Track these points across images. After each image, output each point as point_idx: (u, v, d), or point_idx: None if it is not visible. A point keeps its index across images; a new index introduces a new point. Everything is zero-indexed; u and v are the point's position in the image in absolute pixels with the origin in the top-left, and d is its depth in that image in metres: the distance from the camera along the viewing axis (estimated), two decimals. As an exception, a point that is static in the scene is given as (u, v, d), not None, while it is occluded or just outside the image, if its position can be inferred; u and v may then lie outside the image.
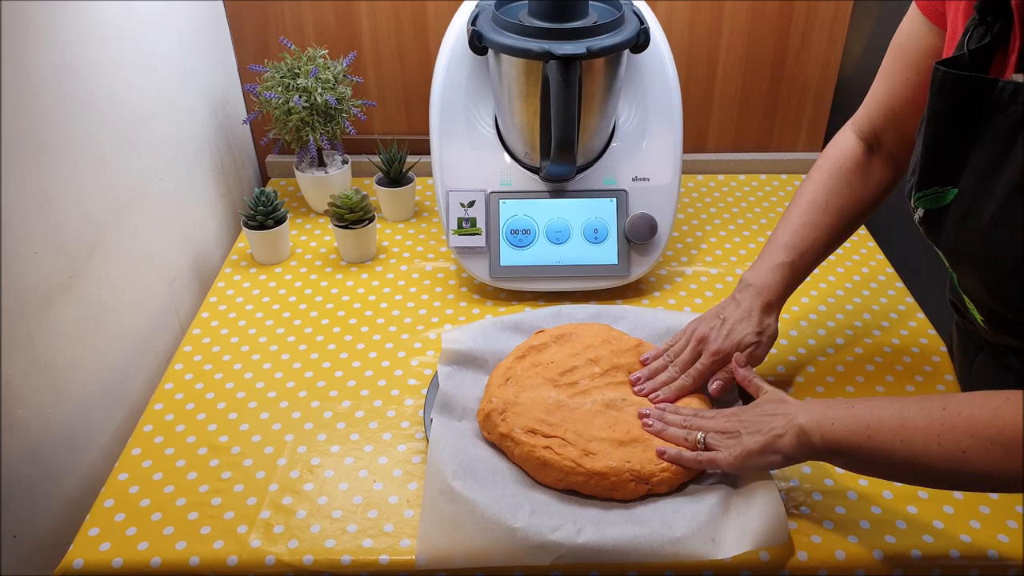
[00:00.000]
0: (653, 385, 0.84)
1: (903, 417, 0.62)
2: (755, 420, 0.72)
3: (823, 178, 0.86)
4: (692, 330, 0.86)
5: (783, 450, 0.68)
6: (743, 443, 0.71)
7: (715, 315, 0.85)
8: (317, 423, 0.86)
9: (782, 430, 0.69)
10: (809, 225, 0.84)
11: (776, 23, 1.26)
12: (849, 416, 0.65)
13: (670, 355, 0.86)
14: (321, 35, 1.26)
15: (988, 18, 0.63)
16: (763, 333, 0.83)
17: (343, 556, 0.72)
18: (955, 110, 0.65)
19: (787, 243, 0.85)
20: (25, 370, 0.76)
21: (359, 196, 1.09)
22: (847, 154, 0.85)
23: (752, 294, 0.84)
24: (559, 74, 0.91)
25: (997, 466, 0.58)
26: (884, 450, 0.63)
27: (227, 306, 1.05)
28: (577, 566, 0.71)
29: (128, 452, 0.83)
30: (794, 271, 0.84)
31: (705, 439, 0.75)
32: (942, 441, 0.60)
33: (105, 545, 0.73)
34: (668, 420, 0.78)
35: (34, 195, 0.77)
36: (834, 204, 0.84)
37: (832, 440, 0.65)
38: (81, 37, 0.84)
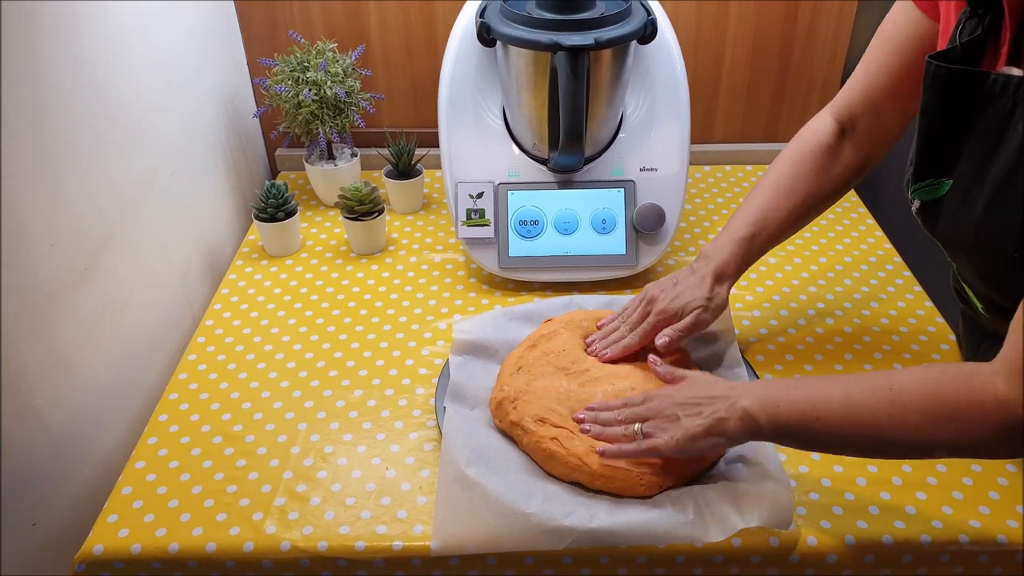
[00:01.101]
0: (603, 344, 0.85)
1: (849, 396, 0.63)
2: (693, 402, 0.71)
3: (791, 160, 0.87)
4: (645, 293, 0.88)
5: (727, 432, 0.68)
6: (684, 426, 0.70)
7: (670, 280, 0.88)
8: (329, 412, 0.87)
9: (725, 413, 0.68)
10: (772, 205, 0.86)
11: (783, 13, 1.26)
12: (795, 398, 0.66)
13: (623, 317, 0.88)
14: (330, 29, 1.26)
15: (979, 10, 0.64)
16: (712, 300, 0.84)
17: (357, 542, 0.73)
18: (948, 103, 0.66)
19: (748, 220, 0.86)
20: (42, 360, 0.77)
21: (369, 188, 1.10)
22: (819, 137, 0.86)
23: (707, 263, 0.86)
24: (567, 65, 0.91)
25: (949, 438, 0.59)
26: (832, 428, 0.63)
27: (239, 298, 1.06)
28: (589, 551, 0.71)
29: (144, 441, 0.84)
30: (751, 246, 0.86)
31: (642, 428, 0.73)
32: (893, 419, 0.61)
33: (124, 531, 0.74)
34: (603, 420, 0.77)
35: (49, 188, 0.78)
36: (800, 187, 0.86)
37: (779, 422, 0.66)
38: (92, 32, 0.85)
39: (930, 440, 0.60)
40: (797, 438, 0.67)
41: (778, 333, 0.98)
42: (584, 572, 0.73)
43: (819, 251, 1.13)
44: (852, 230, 1.18)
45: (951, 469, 0.79)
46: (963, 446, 0.60)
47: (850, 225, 1.19)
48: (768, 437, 0.68)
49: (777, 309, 1.02)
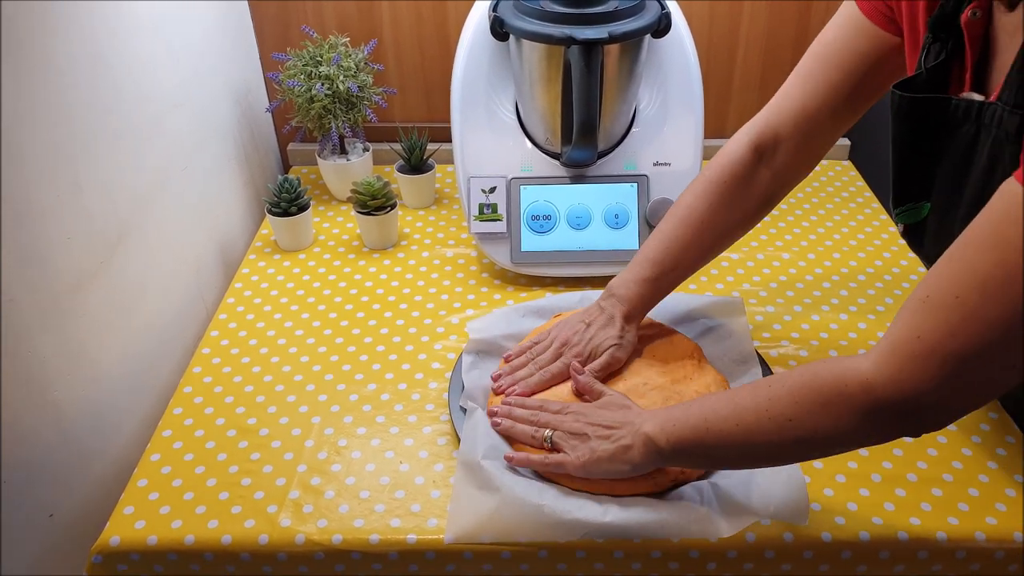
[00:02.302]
0: (511, 380, 0.83)
1: (735, 403, 0.64)
2: (604, 424, 0.72)
3: (703, 191, 0.83)
4: (556, 334, 0.86)
5: (632, 460, 0.69)
6: (592, 448, 0.71)
7: (580, 320, 0.86)
8: (343, 406, 0.87)
9: (630, 440, 0.69)
10: (678, 242, 0.84)
11: (796, 10, 1.25)
12: (688, 414, 0.67)
13: (532, 354, 0.86)
14: (342, 23, 1.26)
15: (942, 35, 0.64)
16: (623, 338, 0.84)
17: (371, 535, 0.73)
18: (916, 130, 0.66)
19: (655, 259, 0.84)
20: (59, 353, 0.77)
21: (381, 183, 1.10)
22: (732, 166, 0.82)
23: (615, 303, 0.85)
24: (581, 59, 0.91)
25: (821, 426, 0.60)
26: (723, 438, 0.64)
27: (252, 292, 1.06)
28: (602, 545, 0.72)
29: (159, 434, 0.84)
30: (656, 287, 0.85)
31: (552, 438, 0.74)
32: (772, 415, 0.61)
33: (140, 523, 0.74)
34: (516, 416, 0.77)
35: (67, 183, 0.78)
36: (708, 221, 0.83)
37: (676, 440, 0.66)
38: (108, 29, 0.85)
39: (805, 431, 0.60)
40: (694, 453, 0.67)
41: (792, 329, 0.97)
42: (598, 567, 0.73)
43: (833, 247, 1.13)
44: (866, 225, 1.18)
45: (967, 466, 0.78)
46: (833, 435, 0.60)
47: (863, 221, 1.19)
48: (669, 460, 0.69)
49: (791, 305, 1.02)
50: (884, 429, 0.59)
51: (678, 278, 0.86)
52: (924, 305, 0.55)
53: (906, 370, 0.55)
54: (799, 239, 1.15)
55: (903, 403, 0.56)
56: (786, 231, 1.16)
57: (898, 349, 0.56)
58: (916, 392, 0.55)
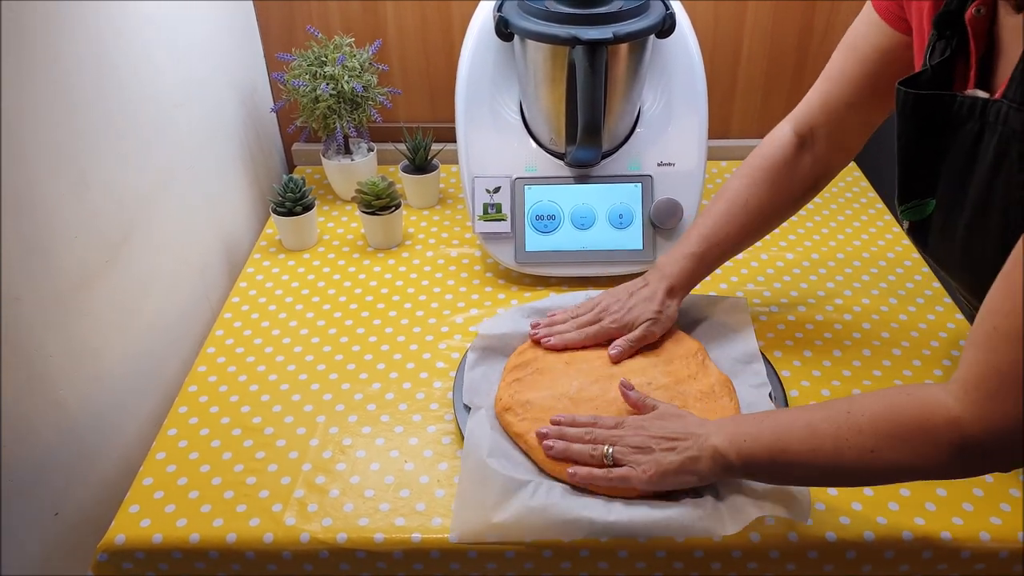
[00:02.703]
0: (547, 331, 0.87)
1: (813, 427, 0.63)
2: (667, 436, 0.71)
3: (749, 174, 0.87)
4: (600, 300, 0.90)
5: (700, 471, 0.69)
6: (657, 460, 0.70)
7: (625, 290, 0.90)
8: (348, 405, 0.88)
9: (698, 452, 0.68)
10: (726, 220, 0.87)
11: (801, 9, 1.25)
12: (760, 431, 0.66)
13: (573, 313, 0.90)
14: (347, 23, 1.26)
15: (947, 32, 0.64)
16: (662, 313, 0.86)
17: (376, 534, 0.73)
18: (921, 126, 0.66)
19: (702, 235, 0.88)
20: (64, 351, 0.78)
21: (386, 183, 1.11)
22: (777, 151, 0.86)
23: (660, 277, 0.88)
24: (585, 59, 0.91)
25: (903, 460, 0.59)
26: (798, 461, 0.64)
27: (257, 291, 1.06)
28: (607, 545, 0.72)
29: (164, 432, 0.85)
30: (702, 262, 0.88)
31: (613, 453, 0.72)
32: (851, 444, 0.61)
33: (145, 521, 0.74)
34: (569, 436, 0.74)
35: (73, 181, 0.78)
36: (754, 203, 0.86)
37: (748, 457, 0.66)
38: (114, 28, 0.85)
39: (887, 463, 0.60)
40: (767, 471, 0.67)
41: (796, 329, 0.97)
42: (602, 566, 0.73)
43: (837, 247, 1.13)
44: (870, 226, 1.18)
45: (971, 466, 0.78)
46: (919, 468, 0.60)
47: (868, 221, 1.19)
48: (739, 474, 0.68)
49: (795, 305, 1.02)
50: (972, 466, 0.59)
51: (723, 255, 0.89)
52: (995, 336, 0.54)
53: (992, 407, 0.54)
54: (803, 239, 1.15)
55: (993, 441, 0.55)
56: (790, 231, 1.16)
57: (980, 385, 0.55)
58: (1005, 429, 0.54)
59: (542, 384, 0.82)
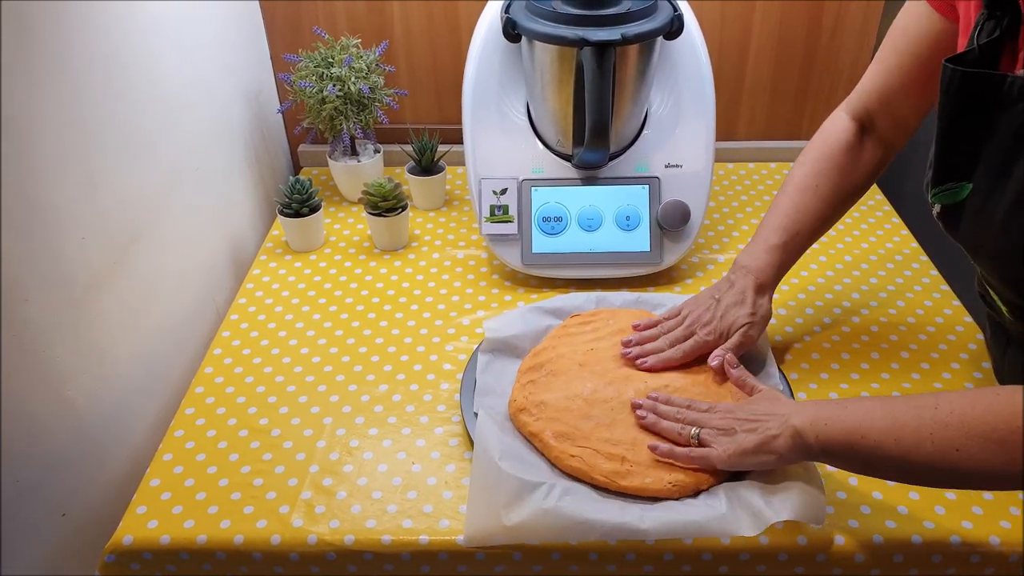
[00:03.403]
0: (640, 351, 0.85)
1: (895, 416, 0.63)
2: (750, 418, 0.71)
3: (815, 161, 0.87)
4: (688, 310, 0.87)
5: (778, 450, 0.68)
6: (737, 441, 0.71)
7: (710, 296, 0.87)
8: (355, 406, 0.87)
9: (777, 431, 0.68)
10: (799, 209, 0.86)
11: (808, 10, 1.25)
12: (842, 416, 0.65)
13: (663, 328, 0.87)
14: (353, 24, 1.26)
15: (997, 12, 0.63)
16: (756, 314, 0.84)
17: (383, 536, 0.73)
18: (965, 106, 0.65)
19: (779, 225, 0.86)
20: (73, 353, 0.78)
21: (392, 185, 1.10)
22: (839, 136, 0.86)
23: (745, 275, 0.86)
24: (593, 61, 0.91)
25: (991, 463, 0.58)
26: (877, 450, 0.63)
27: (263, 292, 1.06)
28: (615, 547, 0.71)
29: (171, 434, 0.85)
30: (786, 252, 0.86)
31: (699, 435, 0.73)
32: (935, 440, 0.60)
33: (153, 523, 0.74)
34: (661, 412, 0.77)
35: (82, 182, 0.78)
36: (824, 187, 0.85)
37: (826, 440, 0.65)
38: (122, 29, 0.85)
39: (974, 465, 0.58)
40: (844, 457, 0.66)
41: (804, 332, 0.97)
42: (610, 569, 0.73)
43: (844, 249, 1.13)
44: (877, 228, 1.17)
45: (981, 470, 0.78)
46: (1009, 476, 0.58)
47: (875, 224, 1.19)
48: (816, 456, 0.67)
49: (803, 308, 1.01)
50: None
51: (804, 244, 0.87)
52: None
53: None
54: (810, 242, 1.14)
55: None
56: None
57: None
58: None
59: (556, 385, 0.82)
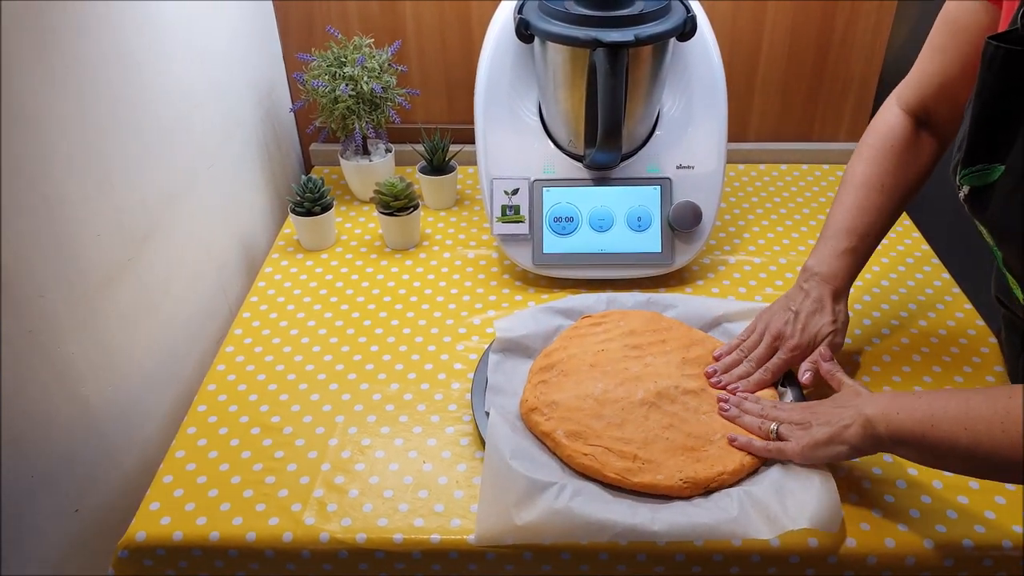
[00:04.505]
0: (729, 379, 0.84)
1: (968, 406, 0.62)
2: (827, 412, 0.72)
3: (875, 157, 0.85)
4: (765, 325, 0.86)
5: (849, 440, 0.68)
6: (812, 433, 0.72)
7: (786, 308, 0.85)
8: (366, 405, 0.88)
9: (849, 420, 0.68)
10: (866, 208, 0.84)
11: (821, 11, 1.25)
12: (914, 405, 0.65)
13: (743, 350, 0.86)
14: (365, 24, 1.27)
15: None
16: (837, 320, 0.84)
17: (395, 535, 0.73)
18: (1006, 85, 0.64)
19: (848, 227, 0.84)
20: (87, 349, 0.78)
21: (404, 184, 1.11)
22: (896, 131, 0.85)
23: (819, 283, 0.84)
24: (607, 62, 0.91)
25: None
26: (947, 439, 0.62)
27: (275, 291, 1.07)
28: (625, 548, 0.71)
29: (184, 431, 0.85)
30: (857, 256, 0.85)
31: (778, 430, 0.75)
32: (1006, 428, 0.59)
33: (166, 519, 0.75)
34: (745, 408, 0.79)
35: (97, 179, 0.79)
36: (889, 184, 0.84)
37: (896, 429, 0.65)
38: (136, 27, 0.86)
39: None
40: (914, 447, 0.65)
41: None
42: (620, 569, 0.73)
43: (856, 251, 1.12)
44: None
45: (993, 474, 0.78)
46: None
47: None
48: (887, 446, 0.67)
49: (814, 309, 1.01)
50: None
51: (873, 244, 0.85)
52: None
53: None
54: (822, 243, 1.14)
55: None
56: (809, 235, 1.16)
57: None
58: None
59: (567, 386, 0.82)
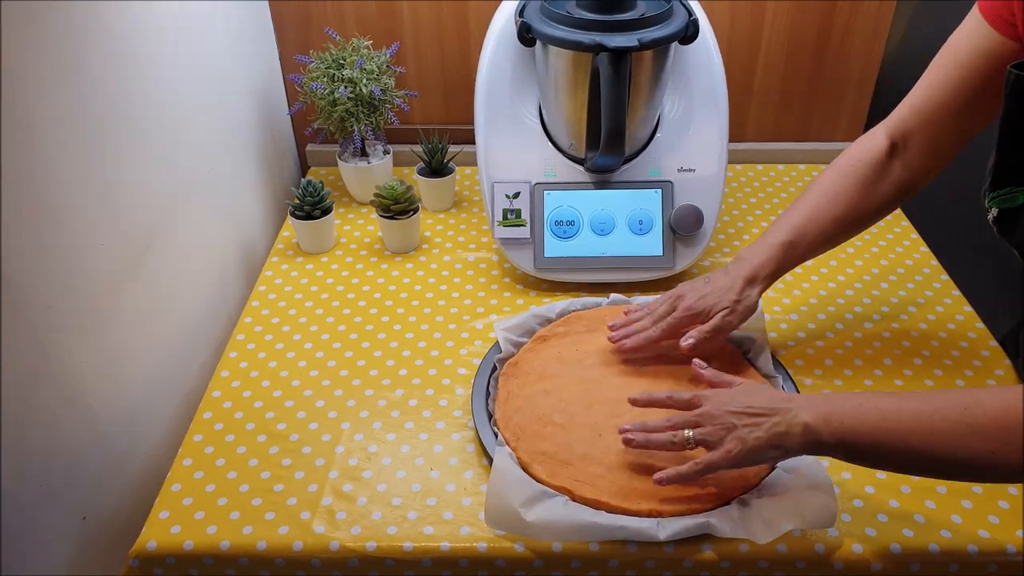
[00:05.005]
0: (624, 332, 0.87)
1: (921, 416, 0.62)
2: (749, 411, 0.69)
3: (839, 170, 0.86)
4: (675, 290, 0.89)
5: (787, 446, 0.67)
6: (742, 437, 0.68)
7: (703, 279, 0.89)
8: (372, 411, 0.88)
9: (786, 427, 0.67)
10: (814, 213, 0.85)
11: (820, 12, 1.25)
12: (861, 414, 0.64)
13: (649, 308, 0.89)
14: (363, 25, 1.26)
15: None
16: (740, 303, 0.85)
17: (405, 543, 0.73)
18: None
19: (789, 225, 0.86)
20: (93, 358, 0.78)
21: (404, 187, 1.10)
22: (869, 152, 0.85)
23: (739, 266, 0.87)
24: (610, 66, 0.91)
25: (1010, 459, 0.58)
26: (902, 448, 0.62)
27: (276, 295, 1.06)
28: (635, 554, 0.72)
29: (190, 438, 0.85)
30: (789, 252, 0.85)
31: (694, 437, 0.71)
32: (967, 441, 0.60)
33: (176, 528, 0.75)
34: (649, 427, 0.74)
35: (99, 188, 0.78)
36: (844, 198, 0.85)
37: (843, 437, 0.65)
38: (135, 32, 0.85)
39: (1008, 465, 0.58)
40: (863, 454, 0.65)
41: (816, 337, 0.98)
42: (629, 575, 0.74)
43: (855, 254, 1.13)
44: (887, 232, 1.18)
45: (995, 477, 0.79)
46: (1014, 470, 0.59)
47: (884, 227, 1.19)
48: (830, 451, 0.67)
49: (815, 313, 1.02)
50: None
51: (812, 249, 0.86)
52: None
53: None
54: (820, 245, 1.15)
55: None
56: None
57: None
58: None
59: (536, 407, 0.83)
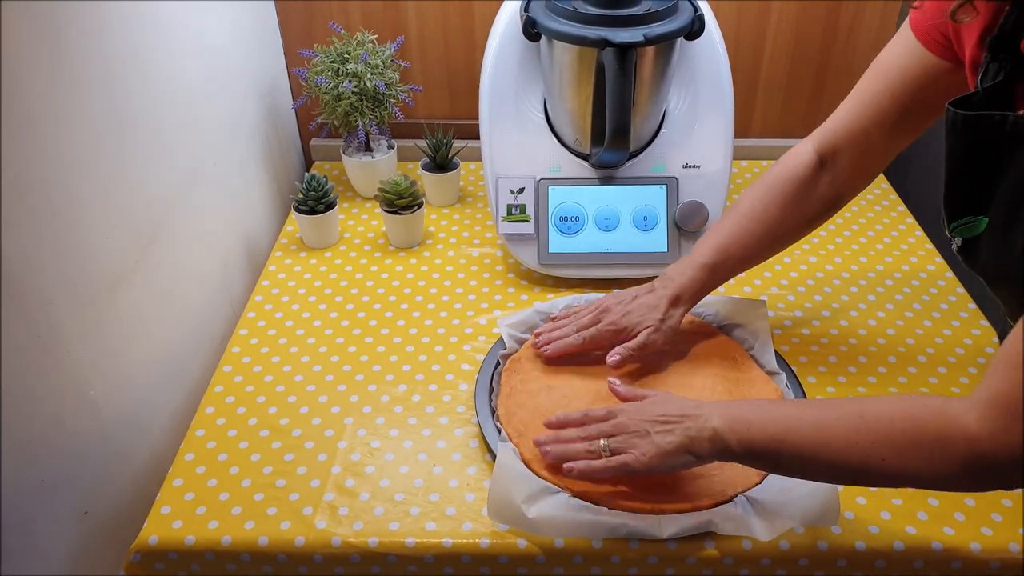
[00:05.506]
0: (546, 339, 0.88)
1: (819, 424, 0.63)
2: (662, 419, 0.70)
3: (765, 188, 0.86)
4: (601, 301, 0.90)
5: (697, 451, 0.68)
6: (655, 442, 0.69)
7: (630, 293, 0.89)
8: (375, 407, 0.88)
9: (696, 432, 0.68)
10: (740, 233, 0.86)
11: (826, 9, 1.24)
12: (765, 421, 0.66)
13: (575, 316, 0.90)
14: (368, 19, 1.26)
15: (1000, 56, 0.63)
16: (664, 322, 0.85)
17: (407, 539, 0.73)
18: (972, 147, 0.65)
19: (714, 245, 0.86)
20: (96, 353, 0.78)
21: (408, 182, 1.10)
22: (795, 169, 0.85)
23: (666, 285, 0.87)
24: (615, 62, 0.91)
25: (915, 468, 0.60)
26: (802, 455, 0.64)
27: (280, 290, 1.06)
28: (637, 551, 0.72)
29: (192, 433, 0.85)
30: (713, 273, 0.86)
31: (609, 445, 0.71)
32: (863, 447, 0.61)
33: (177, 523, 0.75)
34: (564, 437, 0.74)
35: (103, 182, 0.78)
36: (769, 217, 0.85)
37: (749, 444, 0.66)
38: (140, 25, 0.85)
39: (897, 470, 0.60)
40: (767, 460, 0.67)
41: (820, 335, 0.97)
42: (632, 572, 0.74)
43: (859, 250, 1.13)
44: (892, 229, 1.17)
45: (999, 476, 0.78)
46: (926, 478, 0.61)
47: (890, 224, 1.19)
48: (738, 458, 0.68)
49: (819, 310, 1.02)
50: (982, 482, 0.60)
51: (735, 268, 0.88)
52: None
53: (1011, 429, 0.55)
54: (826, 242, 1.15)
55: (1007, 460, 0.56)
56: (813, 235, 1.16)
57: (1001, 404, 0.56)
58: (1020, 450, 0.55)
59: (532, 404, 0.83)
